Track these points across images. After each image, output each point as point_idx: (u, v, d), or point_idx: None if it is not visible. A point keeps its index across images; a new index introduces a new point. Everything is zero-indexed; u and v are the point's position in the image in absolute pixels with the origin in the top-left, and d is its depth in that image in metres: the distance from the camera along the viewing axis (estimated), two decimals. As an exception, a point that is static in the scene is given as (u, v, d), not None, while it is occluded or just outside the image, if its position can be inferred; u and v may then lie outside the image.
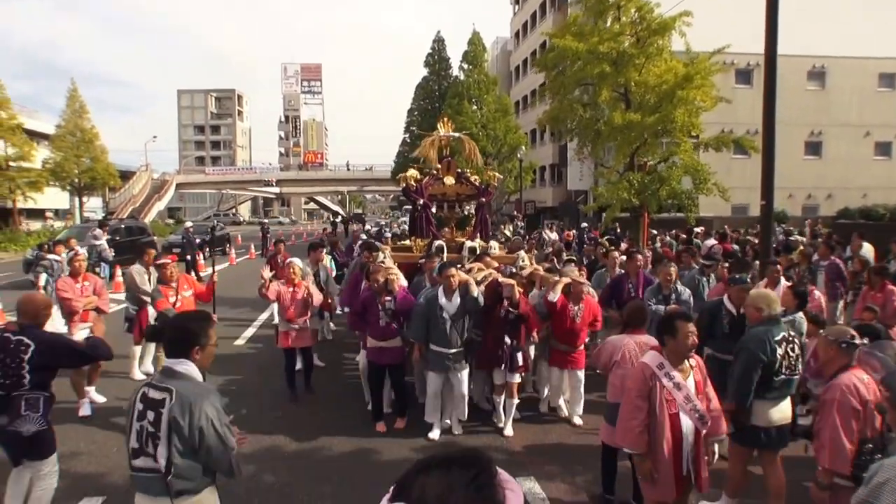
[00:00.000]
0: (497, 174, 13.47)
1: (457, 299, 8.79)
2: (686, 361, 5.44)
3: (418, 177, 12.69)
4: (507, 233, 27.63)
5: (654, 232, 29.14)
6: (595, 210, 29.57)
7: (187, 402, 3.96)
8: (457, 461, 1.49)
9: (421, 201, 12.33)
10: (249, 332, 16.05)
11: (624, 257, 12.41)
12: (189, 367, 4.17)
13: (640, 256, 11.33)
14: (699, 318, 7.72)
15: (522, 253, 12.16)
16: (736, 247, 20.18)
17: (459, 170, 13.14)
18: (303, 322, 10.39)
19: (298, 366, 10.93)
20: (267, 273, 10.27)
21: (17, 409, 5.66)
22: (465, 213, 13.08)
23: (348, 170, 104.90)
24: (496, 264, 10.91)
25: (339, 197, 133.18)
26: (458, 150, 14.07)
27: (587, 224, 36.11)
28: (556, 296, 9.37)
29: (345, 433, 9.04)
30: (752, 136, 28.87)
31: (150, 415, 4.00)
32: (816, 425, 5.43)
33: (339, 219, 74.88)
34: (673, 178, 24.74)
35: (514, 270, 10.58)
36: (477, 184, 12.82)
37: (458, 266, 10.10)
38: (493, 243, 13.20)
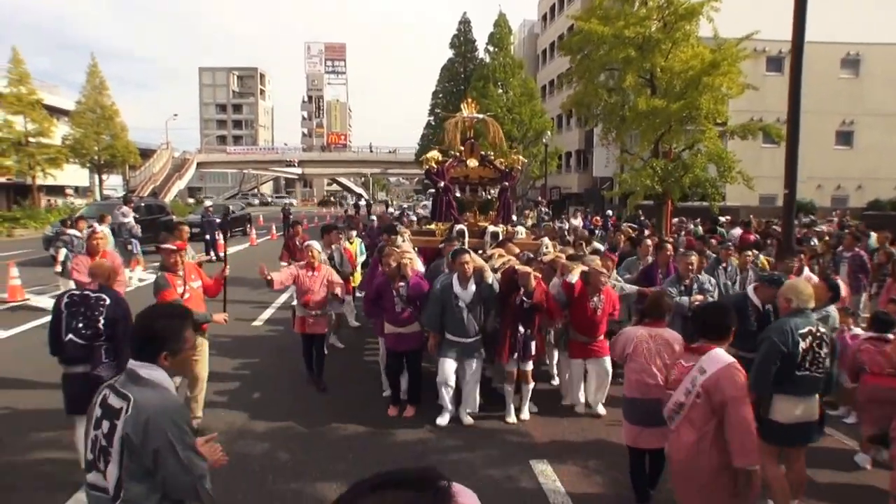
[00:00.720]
0: (521, 157, 13.45)
1: (472, 287, 8.77)
2: None
3: (440, 158, 12.69)
4: (515, 220, 27.68)
5: (684, 220, 29.09)
6: (619, 196, 29.54)
7: (143, 418, 3.30)
8: (405, 481, 1.36)
9: (442, 184, 12.34)
10: (268, 313, 16.21)
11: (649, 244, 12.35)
12: (156, 373, 3.49)
13: (670, 246, 11.29)
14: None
15: (547, 240, 12.09)
16: (757, 236, 20.15)
17: (483, 152, 13.14)
18: (320, 308, 10.25)
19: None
20: (266, 271, 9.46)
21: (99, 357, 6.62)
22: (489, 196, 13.04)
23: (371, 151, 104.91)
24: (517, 251, 10.93)
25: (363, 179, 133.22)
26: (482, 132, 14.08)
27: (611, 211, 36.10)
28: (574, 277, 9.28)
29: (360, 415, 9.13)
30: (781, 124, 28.66)
31: (105, 425, 3.39)
32: (892, 431, 5.10)
33: (357, 201, 74.90)
34: (697, 166, 24.78)
35: (530, 256, 10.53)
36: (501, 167, 12.81)
37: (479, 252, 10.15)
38: (520, 229, 13.24)
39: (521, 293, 8.84)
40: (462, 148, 12.96)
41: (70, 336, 6.61)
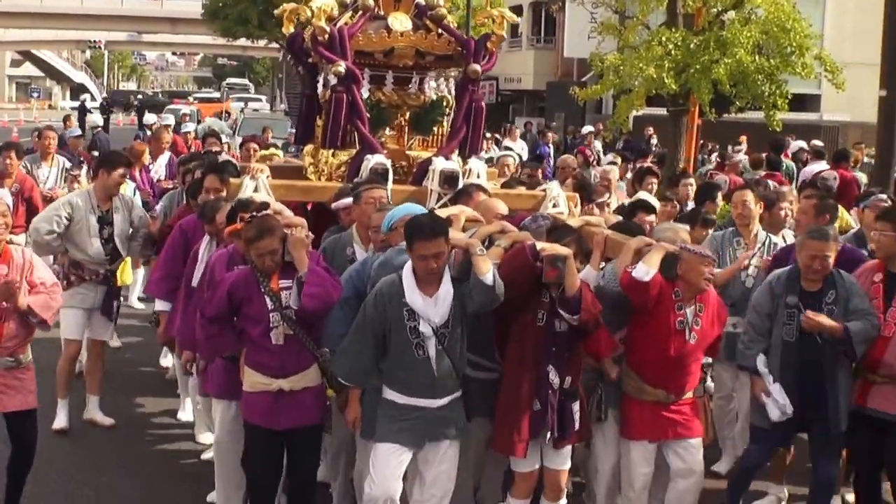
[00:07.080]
0: (506, 12, 13.10)
1: (447, 294, 8.17)
2: None
3: (334, 12, 12.11)
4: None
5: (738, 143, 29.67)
6: (599, 98, 30.16)
7: None
8: None
9: (341, 67, 11.68)
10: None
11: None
12: None
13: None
14: None
15: (555, 186, 12.08)
16: (861, 175, 20.63)
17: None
18: (12, 353, 9.10)
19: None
20: None
21: None
22: (436, 95, 12.69)
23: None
24: (500, 209, 10.43)
25: (88, 54, 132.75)
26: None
27: (591, 127, 36.47)
28: (650, 270, 8.75)
29: None
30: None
31: None
32: None
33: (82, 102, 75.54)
34: (742, 44, 25.44)
35: (549, 221, 9.97)
36: (460, 33, 12.68)
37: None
38: (478, 164, 12.85)
39: (552, 300, 8.41)
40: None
41: None
